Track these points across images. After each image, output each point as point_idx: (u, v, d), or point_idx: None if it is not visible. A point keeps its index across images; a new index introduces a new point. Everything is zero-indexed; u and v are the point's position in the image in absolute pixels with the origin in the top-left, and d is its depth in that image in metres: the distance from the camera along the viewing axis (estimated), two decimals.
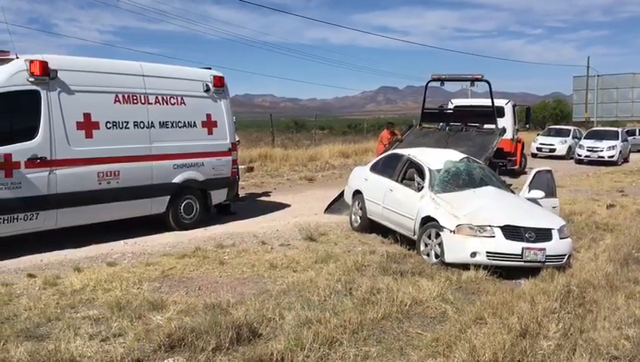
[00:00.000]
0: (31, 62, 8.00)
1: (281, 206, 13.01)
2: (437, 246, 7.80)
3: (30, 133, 8.05)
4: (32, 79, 8.02)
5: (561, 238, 7.69)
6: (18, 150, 7.87)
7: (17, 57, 8.15)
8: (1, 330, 5.03)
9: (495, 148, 13.71)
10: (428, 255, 7.95)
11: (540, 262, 7.43)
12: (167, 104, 9.77)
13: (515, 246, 7.36)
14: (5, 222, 7.79)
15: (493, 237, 7.41)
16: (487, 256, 7.34)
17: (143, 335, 4.97)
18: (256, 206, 12.98)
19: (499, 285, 6.87)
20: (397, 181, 9.27)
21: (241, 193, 13.36)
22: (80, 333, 4.98)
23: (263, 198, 14.30)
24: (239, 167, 12.28)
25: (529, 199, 8.75)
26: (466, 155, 9.61)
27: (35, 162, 8.01)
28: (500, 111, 16.70)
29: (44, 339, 4.90)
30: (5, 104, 7.81)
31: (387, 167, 9.90)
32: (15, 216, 7.87)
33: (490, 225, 7.47)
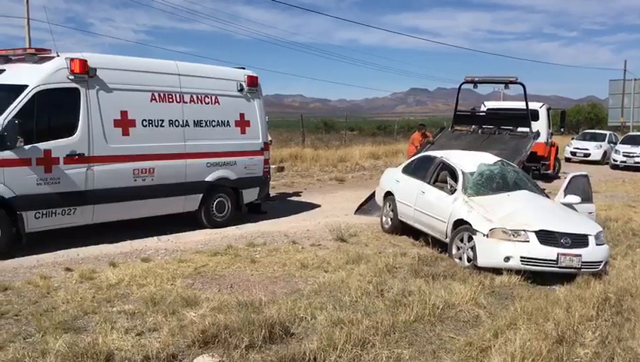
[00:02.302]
0: (71, 60, 8.18)
1: (311, 206, 13.05)
2: (469, 249, 7.72)
3: (69, 129, 8.22)
4: (72, 77, 8.19)
5: (597, 244, 7.55)
6: (57, 146, 8.05)
7: (58, 55, 8.35)
8: (40, 322, 5.16)
9: (529, 152, 13.52)
10: (460, 258, 7.88)
11: (575, 268, 7.30)
12: (201, 103, 9.89)
13: (550, 252, 7.24)
14: (44, 216, 7.98)
15: (528, 241, 7.31)
16: (521, 260, 7.23)
17: (177, 330, 5.03)
18: (287, 205, 13.03)
19: (533, 290, 6.78)
20: (429, 183, 9.21)
21: (272, 193, 13.44)
22: (116, 327, 5.08)
23: (293, 198, 14.35)
24: (270, 166, 12.36)
25: (564, 204, 8.60)
26: (500, 158, 9.49)
27: (73, 158, 8.18)
28: (534, 115, 16.45)
29: (82, 332, 5.01)
30: (46, 101, 7.98)
31: (419, 169, 9.85)
32: (53, 211, 8.06)
33: (524, 230, 7.37)
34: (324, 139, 31.73)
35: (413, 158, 10.89)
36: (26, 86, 7.88)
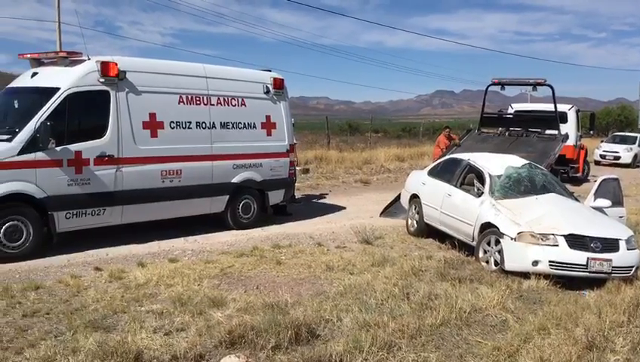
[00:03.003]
0: (102, 63, 8.33)
1: (336, 208, 13.06)
2: (497, 253, 7.65)
3: (99, 131, 8.38)
4: (102, 80, 8.35)
5: (628, 249, 7.40)
6: (88, 148, 8.21)
7: (89, 59, 8.50)
8: (71, 320, 5.25)
9: (557, 155, 13.33)
10: (487, 262, 7.80)
11: (605, 273, 7.17)
12: (228, 105, 9.98)
13: (579, 256, 7.13)
14: (74, 216, 8.13)
15: (557, 246, 7.20)
16: (550, 265, 7.13)
17: (205, 330, 5.08)
18: (312, 207, 13.06)
19: (561, 295, 6.67)
20: (455, 186, 9.14)
21: (297, 194, 13.47)
22: (145, 326, 5.15)
23: (318, 200, 14.38)
24: (296, 168, 12.39)
25: (594, 208, 8.46)
26: (528, 161, 9.38)
27: (103, 160, 8.33)
28: (562, 117, 16.22)
29: (111, 331, 5.10)
30: (77, 103, 8.15)
31: (445, 171, 9.79)
32: (83, 211, 8.21)
33: (553, 234, 7.26)
34: (348, 141, 31.69)
35: (439, 161, 10.83)
36: (58, 88, 8.06)
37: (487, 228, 7.94)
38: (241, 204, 10.25)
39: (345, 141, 31.92)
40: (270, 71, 11.13)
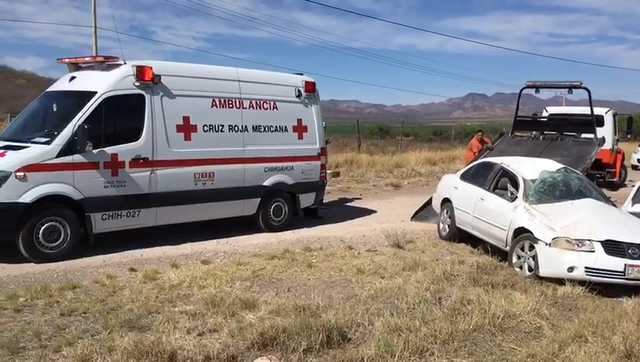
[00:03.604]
0: (137, 67, 8.49)
1: (367, 211, 13.03)
2: (531, 258, 7.54)
3: (134, 134, 8.53)
4: (137, 83, 8.51)
5: None
6: (123, 150, 8.36)
7: (125, 63, 8.67)
8: (107, 320, 5.35)
9: (593, 159, 13.07)
10: (521, 267, 7.69)
11: None
12: (260, 108, 10.06)
13: (616, 263, 6.97)
14: (110, 218, 8.30)
15: (593, 251, 7.07)
16: (586, 271, 7.00)
17: (237, 332, 5.12)
18: (343, 211, 13.05)
19: (598, 302, 6.52)
20: (488, 190, 9.04)
21: (328, 198, 13.48)
22: (179, 327, 5.21)
23: (349, 203, 14.36)
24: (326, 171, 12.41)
25: (632, 213, 8.28)
26: (563, 165, 9.23)
27: (138, 162, 8.48)
28: (599, 120, 15.89)
29: (146, 331, 5.17)
30: (113, 107, 8.32)
31: (478, 175, 9.69)
32: (119, 213, 8.37)
33: (589, 239, 7.13)
34: (379, 145, 31.62)
35: (471, 164, 10.73)
36: (95, 92, 8.24)
37: (521, 233, 7.83)
38: (272, 207, 10.31)
39: (375, 144, 31.86)
40: (302, 74, 11.19)
